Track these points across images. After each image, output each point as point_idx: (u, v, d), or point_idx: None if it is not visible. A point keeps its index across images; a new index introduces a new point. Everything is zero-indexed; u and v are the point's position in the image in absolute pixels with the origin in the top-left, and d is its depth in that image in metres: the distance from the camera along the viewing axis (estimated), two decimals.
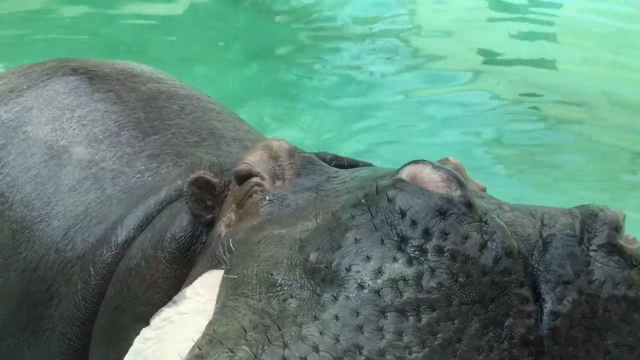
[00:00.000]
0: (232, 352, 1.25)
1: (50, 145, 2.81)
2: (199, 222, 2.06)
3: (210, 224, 2.05)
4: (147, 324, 2.10)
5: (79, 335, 2.30)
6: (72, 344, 2.31)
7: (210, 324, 1.37)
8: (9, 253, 2.61)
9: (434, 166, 1.33)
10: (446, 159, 1.96)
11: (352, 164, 2.07)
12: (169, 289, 2.07)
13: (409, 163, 1.37)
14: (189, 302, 1.61)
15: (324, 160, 2.04)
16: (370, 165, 2.11)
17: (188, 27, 7.84)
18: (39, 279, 2.48)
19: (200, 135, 2.88)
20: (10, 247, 2.61)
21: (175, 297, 1.66)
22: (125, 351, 2.14)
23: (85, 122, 2.88)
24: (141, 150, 2.73)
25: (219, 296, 1.49)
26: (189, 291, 1.65)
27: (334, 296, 1.24)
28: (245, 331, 1.28)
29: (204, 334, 1.35)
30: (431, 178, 1.31)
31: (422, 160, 1.39)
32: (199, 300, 1.58)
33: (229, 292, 1.41)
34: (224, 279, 1.51)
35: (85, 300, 2.30)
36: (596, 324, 1.25)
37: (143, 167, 2.64)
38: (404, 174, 1.34)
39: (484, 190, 2.06)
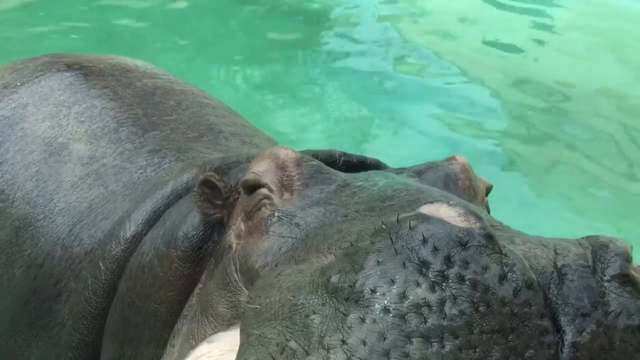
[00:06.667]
0: None
1: (49, 143, 2.81)
2: (208, 219, 2.10)
3: (220, 222, 2.09)
4: (159, 321, 2.13)
5: (90, 329, 2.32)
6: (84, 338, 2.33)
7: (239, 354, 1.38)
8: (12, 250, 2.60)
9: (449, 203, 1.35)
10: (453, 158, 2.00)
11: (360, 161, 2.12)
12: (182, 287, 2.11)
13: (425, 203, 1.39)
14: (222, 340, 1.63)
15: (332, 157, 2.08)
16: (377, 162, 2.15)
17: (187, 22, 7.74)
18: (45, 275, 2.48)
19: (199, 130, 2.90)
20: (13, 244, 2.61)
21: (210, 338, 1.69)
22: (140, 349, 2.18)
23: (83, 118, 2.88)
24: (141, 146, 2.74)
25: (242, 329, 1.49)
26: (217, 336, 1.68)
27: (360, 318, 1.25)
28: (273, 359, 1.29)
29: None
30: (449, 214, 1.32)
31: (437, 199, 1.43)
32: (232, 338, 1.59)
33: (252, 321, 1.42)
34: (246, 311, 1.52)
35: (96, 294, 2.31)
36: (614, 354, 1.27)
37: (145, 163, 2.66)
38: (423, 211, 1.35)
39: (490, 188, 2.11)
